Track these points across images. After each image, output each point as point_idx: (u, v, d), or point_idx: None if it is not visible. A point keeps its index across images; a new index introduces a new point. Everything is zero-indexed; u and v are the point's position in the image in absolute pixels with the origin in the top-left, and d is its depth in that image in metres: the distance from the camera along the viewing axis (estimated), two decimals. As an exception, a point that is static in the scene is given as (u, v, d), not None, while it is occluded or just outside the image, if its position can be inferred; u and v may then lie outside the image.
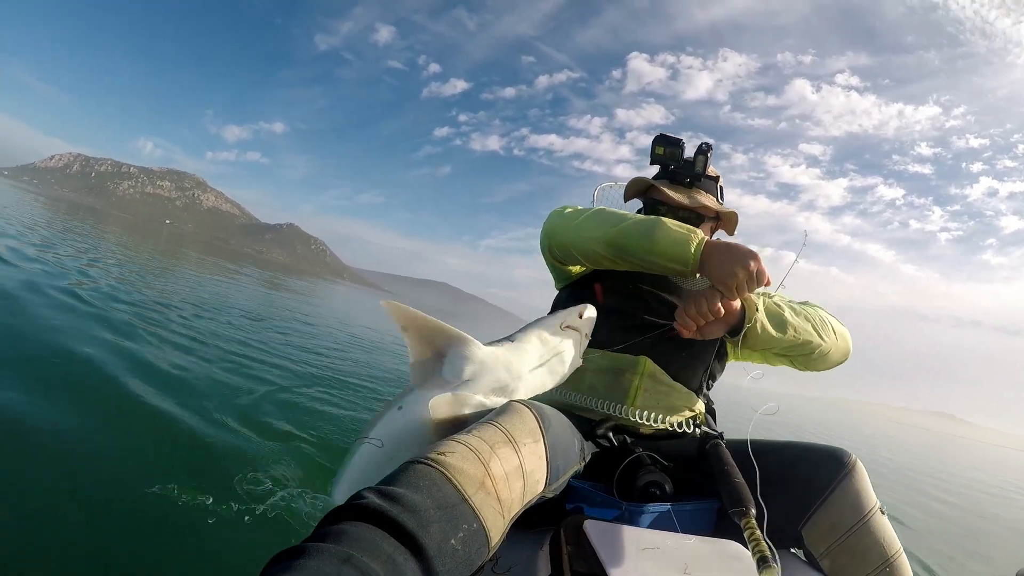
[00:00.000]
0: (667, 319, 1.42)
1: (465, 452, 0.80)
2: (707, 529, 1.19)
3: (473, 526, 0.73)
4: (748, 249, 1.23)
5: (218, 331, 5.02)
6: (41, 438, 1.93)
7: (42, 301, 3.95)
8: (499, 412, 0.96)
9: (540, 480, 0.92)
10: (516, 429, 0.91)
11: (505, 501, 0.81)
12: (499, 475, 0.81)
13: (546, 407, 1.04)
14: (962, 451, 31.21)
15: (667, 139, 1.56)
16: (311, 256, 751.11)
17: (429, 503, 0.69)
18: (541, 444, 0.93)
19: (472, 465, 0.78)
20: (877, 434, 24.91)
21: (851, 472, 1.10)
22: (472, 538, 0.72)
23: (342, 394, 3.99)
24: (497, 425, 0.90)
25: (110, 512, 1.63)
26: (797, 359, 1.47)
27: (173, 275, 10.01)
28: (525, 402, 1.01)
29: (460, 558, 0.69)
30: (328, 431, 2.92)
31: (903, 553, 1.08)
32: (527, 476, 0.87)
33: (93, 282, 5.59)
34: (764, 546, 0.80)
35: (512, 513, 0.83)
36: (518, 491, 0.85)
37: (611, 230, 1.32)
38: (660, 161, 1.59)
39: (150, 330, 4.12)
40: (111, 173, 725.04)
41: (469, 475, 0.77)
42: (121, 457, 1.98)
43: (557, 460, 0.98)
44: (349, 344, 7.36)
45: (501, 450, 0.85)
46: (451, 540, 0.69)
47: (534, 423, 0.95)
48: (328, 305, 16.02)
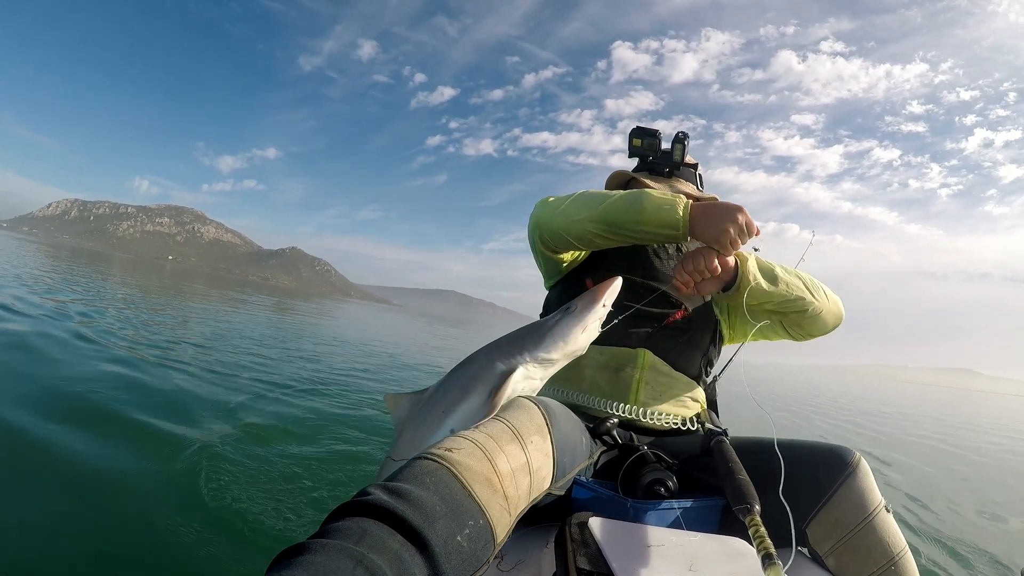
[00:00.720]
0: (662, 309, 1.42)
1: (472, 448, 0.80)
2: (712, 527, 1.19)
3: (479, 523, 0.73)
4: (733, 204, 1.25)
5: (284, 369, 5.24)
6: (94, 468, 2.14)
7: (59, 347, 4.05)
8: (506, 408, 0.97)
9: (547, 477, 0.92)
10: (523, 426, 0.91)
11: (511, 498, 0.80)
12: (506, 472, 0.81)
13: (553, 403, 1.05)
14: (980, 405, 31.07)
15: (643, 131, 1.58)
16: (316, 277, 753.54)
17: (435, 499, 0.69)
18: (548, 441, 0.94)
19: (479, 462, 0.78)
20: (895, 398, 24.83)
21: (855, 471, 1.09)
22: (478, 535, 0.72)
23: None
24: (504, 422, 0.90)
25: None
26: (791, 322, 1.47)
27: (189, 310, 10.16)
28: (532, 398, 1.01)
29: (466, 555, 0.69)
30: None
31: (908, 551, 1.07)
32: (534, 473, 0.87)
33: (106, 324, 5.69)
34: (769, 543, 0.80)
35: (518, 510, 0.83)
36: (524, 488, 0.85)
37: (599, 208, 1.33)
38: (639, 153, 1.61)
39: (180, 366, 4.29)
40: (109, 215, 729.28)
41: (475, 472, 0.77)
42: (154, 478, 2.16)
43: (564, 457, 0.98)
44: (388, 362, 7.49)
45: (508, 447, 0.85)
46: (457, 537, 0.68)
47: (541, 420, 0.95)
48: (351, 324, 16.22)
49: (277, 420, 3.30)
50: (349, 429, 3.36)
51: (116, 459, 2.26)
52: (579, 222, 1.37)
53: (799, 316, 1.43)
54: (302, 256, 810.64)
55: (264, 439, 2.85)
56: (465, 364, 1.22)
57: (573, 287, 1.53)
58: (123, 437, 2.52)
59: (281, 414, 3.46)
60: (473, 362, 1.20)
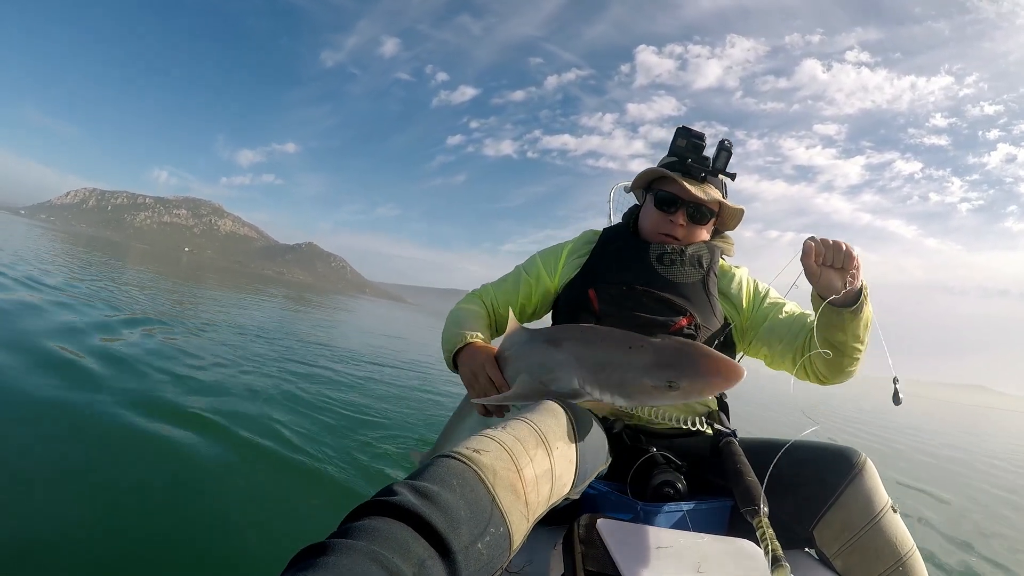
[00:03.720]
0: (665, 317, 1.41)
1: (499, 452, 0.78)
2: (721, 528, 1.19)
3: (500, 530, 0.71)
4: (481, 359, 1.36)
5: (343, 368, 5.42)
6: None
7: (86, 342, 4.08)
8: (534, 410, 0.94)
9: (567, 484, 0.90)
10: (551, 431, 0.89)
11: (532, 504, 0.79)
12: (530, 478, 0.79)
13: (579, 407, 1.02)
14: (993, 423, 30.49)
15: (690, 132, 1.54)
16: (331, 273, 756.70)
17: (461, 503, 0.67)
18: (573, 448, 0.92)
19: (505, 466, 0.76)
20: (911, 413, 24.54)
21: (861, 472, 1.08)
22: (497, 542, 0.70)
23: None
24: (532, 425, 0.87)
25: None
26: (820, 366, 1.34)
27: (221, 305, 10.25)
28: (561, 402, 0.98)
29: (483, 561, 0.67)
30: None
31: (917, 551, 1.06)
32: (555, 480, 0.85)
33: (131, 317, 5.74)
34: (776, 545, 0.80)
35: (536, 516, 0.82)
36: (545, 495, 0.83)
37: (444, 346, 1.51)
38: (679, 153, 1.55)
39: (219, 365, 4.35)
40: (127, 205, 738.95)
41: (502, 477, 0.75)
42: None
43: (586, 464, 0.96)
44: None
45: (534, 452, 0.82)
46: (478, 544, 0.67)
47: (568, 426, 0.93)
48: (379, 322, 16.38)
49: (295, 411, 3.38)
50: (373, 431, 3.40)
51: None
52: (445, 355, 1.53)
53: (836, 364, 1.30)
54: (318, 252, 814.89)
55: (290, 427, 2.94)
56: (550, 348, 1.18)
57: (578, 297, 1.52)
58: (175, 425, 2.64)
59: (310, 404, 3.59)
60: (557, 354, 1.15)
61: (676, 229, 1.52)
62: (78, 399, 2.73)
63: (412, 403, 4.52)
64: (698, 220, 1.53)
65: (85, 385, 2.98)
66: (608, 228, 1.70)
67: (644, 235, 1.58)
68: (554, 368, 1.12)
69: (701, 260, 1.51)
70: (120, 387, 3.06)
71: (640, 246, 1.54)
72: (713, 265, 1.52)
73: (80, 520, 1.71)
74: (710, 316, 1.46)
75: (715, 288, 1.50)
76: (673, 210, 1.52)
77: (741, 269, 1.60)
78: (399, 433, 3.44)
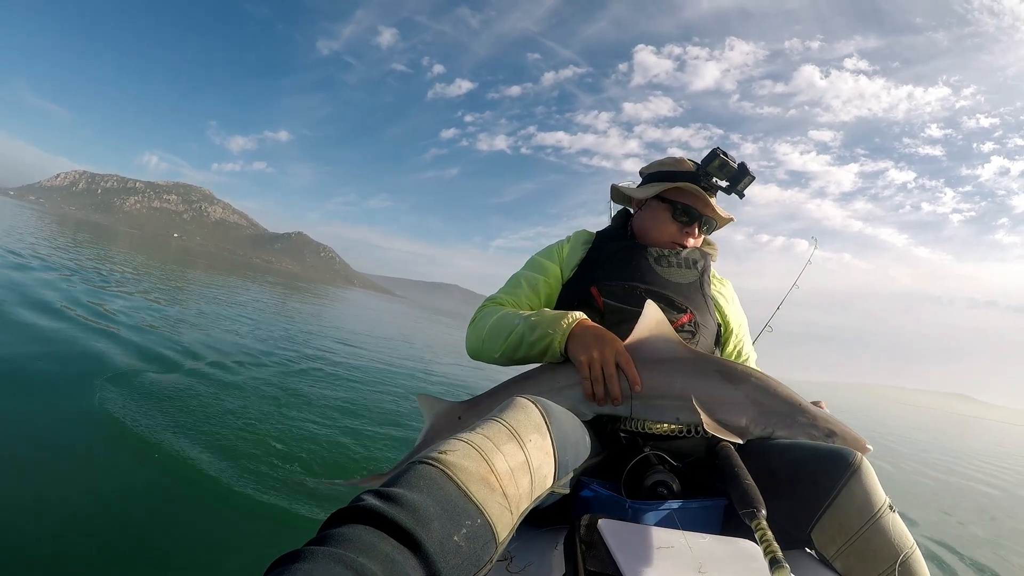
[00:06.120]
0: (666, 313, 1.41)
1: (467, 449, 0.80)
2: (714, 527, 1.19)
3: (477, 522, 0.73)
4: (611, 337, 1.32)
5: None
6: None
7: (80, 327, 4.10)
8: (503, 408, 0.96)
9: (548, 475, 0.92)
10: (521, 425, 0.91)
11: (512, 496, 0.80)
12: (504, 471, 0.81)
13: (550, 403, 1.04)
14: (972, 430, 30.95)
15: (725, 154, 1.54)
16: (320, 264, 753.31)
17: (429, 502, 0.70)
18: (548, 439, 0.93)
19: (474, 462, 0.78)
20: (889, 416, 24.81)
21: (857, 472, 1.08)
22: (476, 534, 0.73)
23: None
24: (501, 421, 0.90)
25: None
26: None
27: (215, 293, 10.14)
28: (530, 397, 1.00)
29: (465, 554, 0.70)
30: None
31: (917, 550, 1.06)
32: (534, 471, 0.87)
33: (109, 303, 5.68)
34: (776, 547, 0.80)
35: (520, 508, 0.83)
36: (526, 487, 0.85)
37: (504, 344, 1.45)
38: (709, 170, 1.55)
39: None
40: (117, 189, 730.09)
41: (471, 472, 0.77)
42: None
43: (566, 455, 0.98)
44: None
45: (505, 446, 0.85)
46: (454, 537, 0.69)
47: (539, 418, 0.95)
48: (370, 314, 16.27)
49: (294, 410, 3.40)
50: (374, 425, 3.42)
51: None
52: (496, 358, 1.50)
53: None
54: (308, 242, 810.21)
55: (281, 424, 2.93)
56: (724, 382, 1.28)
57: (580, 292, 1.53)
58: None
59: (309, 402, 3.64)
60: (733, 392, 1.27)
61: (689, 240, 1.59)
62: (41, 403, 2.68)
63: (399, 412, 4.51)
64: (707, 232, 1.63)
65: (48, 389, 2.91)
66: (602, 230, 1.73)
67: (643, 239, 1.61)
68: (726, 402, 1.25)
69: (696, 263, 1.57)
70: (101, 385, 3.03)
71: (637, 248, 1.56)
72: (707, 269, 1.59)
73: (54, 524, 1.68)
74: (707, 316, 1.51)
75: (709, 290, 1.56)
76: (691, 223, 1.57)
77: (728, 283, 1.69)
78: (390, 442, 3.42)
